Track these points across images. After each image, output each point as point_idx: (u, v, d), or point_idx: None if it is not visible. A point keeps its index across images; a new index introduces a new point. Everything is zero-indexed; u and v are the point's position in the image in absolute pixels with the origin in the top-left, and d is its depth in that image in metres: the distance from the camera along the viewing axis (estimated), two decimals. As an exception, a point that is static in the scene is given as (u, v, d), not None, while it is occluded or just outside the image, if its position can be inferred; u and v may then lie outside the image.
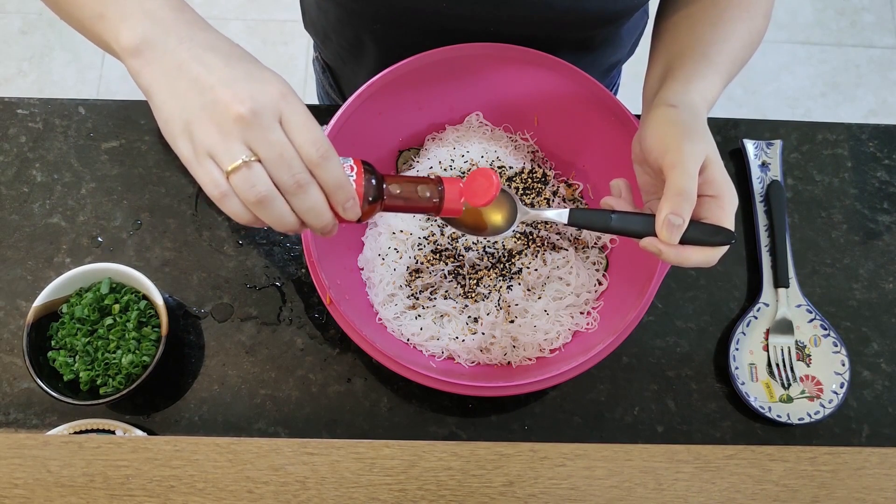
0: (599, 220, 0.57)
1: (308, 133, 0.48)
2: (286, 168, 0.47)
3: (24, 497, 0.57)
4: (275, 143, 0.47)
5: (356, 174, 0.53)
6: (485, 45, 0.70)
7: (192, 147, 0.48)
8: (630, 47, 0.89)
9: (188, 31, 0.50)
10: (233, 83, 0.47)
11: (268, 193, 0.47)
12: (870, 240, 0.80)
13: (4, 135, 0.81)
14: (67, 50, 1.88)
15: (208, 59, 0.48)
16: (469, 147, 0.76)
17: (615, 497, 0.58)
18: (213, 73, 0.48)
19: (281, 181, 0.47)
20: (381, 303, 0.72)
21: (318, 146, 0.48)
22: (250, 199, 0.47)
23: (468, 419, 0.72)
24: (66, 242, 0.77)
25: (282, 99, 0.48)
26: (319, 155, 0.48)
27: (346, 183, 0.50)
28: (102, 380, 0.67)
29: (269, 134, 0.47)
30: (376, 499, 0.58)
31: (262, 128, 0.47)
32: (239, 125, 0.47)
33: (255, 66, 0.50)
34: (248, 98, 0.47)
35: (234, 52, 0.50)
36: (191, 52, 0.49)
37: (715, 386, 0.74)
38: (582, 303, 0.72)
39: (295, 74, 1.85)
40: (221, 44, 0.50)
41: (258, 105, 0.47)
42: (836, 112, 1.88)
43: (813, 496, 0.59)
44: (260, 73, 0.49)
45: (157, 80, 0.49)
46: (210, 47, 0.49)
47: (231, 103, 0.47)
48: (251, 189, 0.47)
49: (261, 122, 0.47)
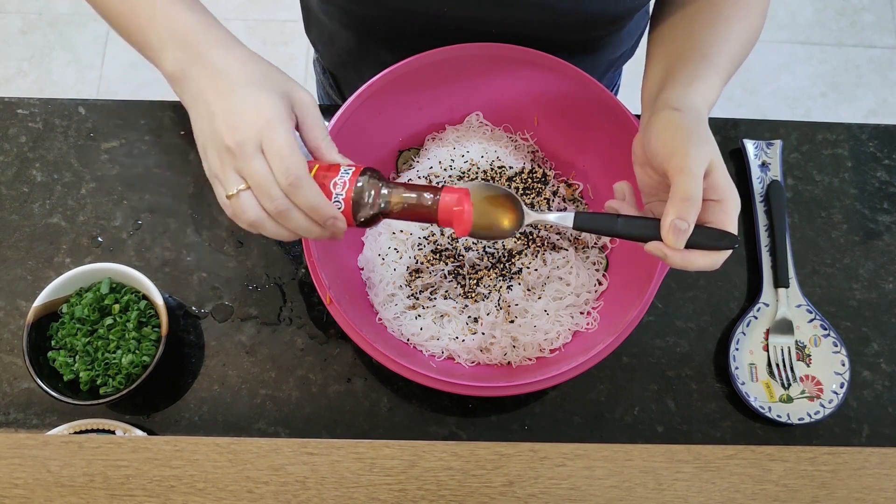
0: (605, 224, 0.57)
1: (280, 161, 0.52)
2: (267, 197, 0.52)
3: (24, 497, 0.57)
4: (255, 173, 0.52)
5: (346, 191, 0.55)
6: (485, 46, 0.70)
7: (209, 170, 0.54)
8: (631, 47, 0.89)
9: (209, 56, 0.55)
10: (228, 113, 0.52)
11: (257, 219, 0.53)
12: (870, 240, 0.80)
13: (4, 135, 0.81)
14: (67, 50, 1.88)
15: (219, 86, 0.54)
16: (469, 147, 0.76)
17: (615, 497, 0.58)
18: (217, 101, 0.53)
19: (266, 208, 0.53)
20: (381, 303, 0.72)
21: (287, 174, 0.52)
22: (246, 222, 0.53)
23: (468, 419, 0.72)
24: (66, 242, 0.77)
25: (264, 128, 0.52)
26: (289, 183, 0.52)
27: (320, 206, 0.53)
28: (102, 380, 0.67)
29: (251, 164, 0.52)
30: (376, 499, 0.58)
31: (246, 158, 0.52)
32: (229, 155, 0.52)
33: (253, 90, 0.53)
34: (234, 129, 0.52)
35: (242, 73, 0.54)
36: (207, 80, 0.54)
37: (715, 386, 0.74)
38: (582, 303, 0.72)
39: (295, 75, 1.85)
40: (235, 65, 0.54)
41: (241, 137, 0.52)
42: (836, 112, 1.88)
43: (813, 496, 0.59)
44: (254, 98, 0.53)
45: (189, 105, 0.55)
46: (222, 72, 0.54)
47: (225, 134, 0.52)
48: (244, 215, 0.53)
49: (244, 152, 0.52)
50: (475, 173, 0.75)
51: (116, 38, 1.88)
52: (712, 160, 0.54)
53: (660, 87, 0.62)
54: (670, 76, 0.62)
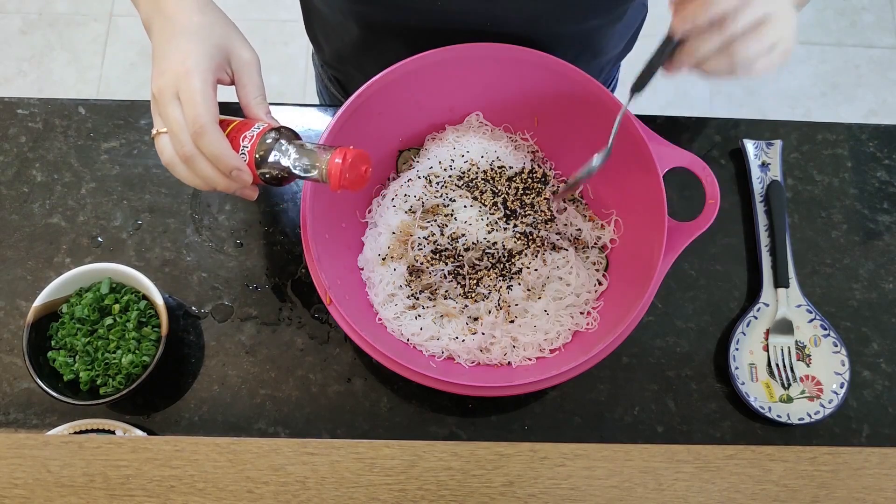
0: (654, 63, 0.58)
1: (190, 109, 0.55)
2: (178, 141, 0.56)
3: (24, 497, 0.57)
4: (169, 118, 0.56)
5: (251, 144, 0.58)
6: (484, 46, 0.70)
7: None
8: (627, 43, 0.89)
9: (165, 5, 0.59)
10: (159, 59, 0.58)
11: (170, 160, 0.57)
12: (870, 240, 0.80)
13: (4, 135, 0.81)
14: (67, 50, 1.88)
15: (164, 34, 0.58)
16: (469, 147, 0.76)
17: (615, 497, 0.58)
18: (157, 49, 0.58)
19: (177, 152, 0.56)
20: (381, 303, 0.72)
21: (194, 122, 0.55)
22: (163, 161, 0.58)
23: (468, 419, 0.72)
24: (66, 242, 0.77)
25: (183, 76, 0.56)
26: (194, 131, 0.55)
27: (223, 155, 0.56)
28: (102, 380, 0.67)
29: (167, 109, 0.56)
30: (376, 499, 0.58)
31: (164, 104, 0.56)
32: (153, 101, 0.57)
33: (184, 39, 0.58)
34: (160, 75, 0.57)
35: (183, 23, 0.58)
36: (160, 28, 0.59)
37: (715, 386, 0.74)
38: (582, 303, 0.72)
39: (295, 75, 1.85)
40: (182, 15, 0.59)
41: (162, 83, 0.56)
42: (836, 112, 1.88)
43: (813, 496, 0.59)
44: (183, 47, 0.57)
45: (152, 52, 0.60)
46: (170, 20, 0.59)
47: (153, 79, 0.57)
48: (161, 156, 0.58)
49: (164, 98, 0.56)
50: (475, 173, 0.75)
51: (116, 38, 1.89)
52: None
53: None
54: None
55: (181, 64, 0.56)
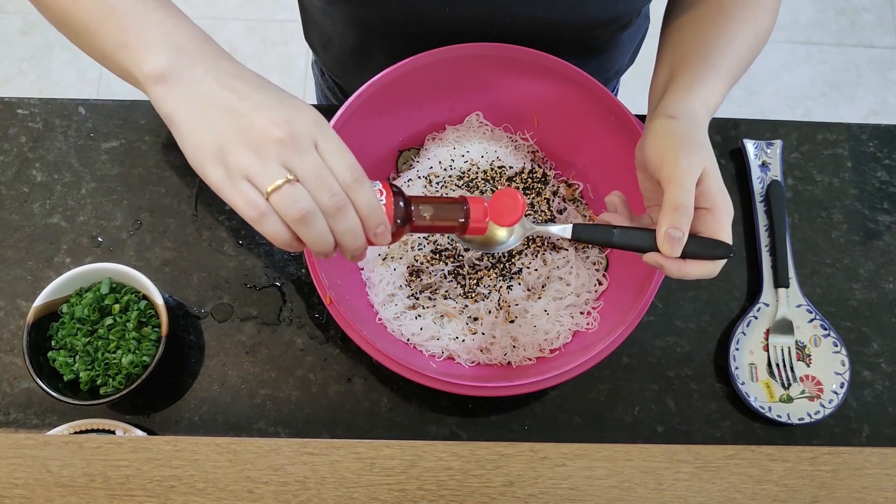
0: (602, 235, 0.58)
1: (342, 158, 0.49)
2: (326, 189, 0.48)
3: (24, 497, 0.57)
4: (313, 164, 0.48)
5: (385, 198, 0.53)
6: (485, 46, 0.70)
7: (226, 171, 0.48)
8: (631, 54, 0.89)
9: (213, 61, 0.51)
10: (267, 109, 0.48)
11: (311, 209, 0.47)
12: (870, 240, 0.80)
13: (4, 135, 0.81)
14: (67, 50, 1.88)
15: (238, 87, 0.49)
16: (469, 147, 0.76)
17: (615, 497, 0.58)
18: (245, 100, 0.49)
19: (320, 202, 0.48)
20: (381, 303, 0.72)
21: (352, 170, 0.49)
22: (294, 215, 0.47)
23: (468, 419, 0.72)
24: (66, 242, 0.77)
25: (315, 125, 0.49)
26: (353, 178, 0.49)
27: (378, 207, 0.50)
28: (102, 380, 0.67)
29: (306, 156, 0.48)
30: (376, 499, 0.58)
31: (300, 150, 0.48)
32: (277, 147, 0.47)
33: (285, 93, 0.51)
34: (284, 122, 0.48)
35: (262, 80, 0.51)
36: (218, 80, 0.49)
37: (715, 386, 0.74)
38: (582, 303, 0.72)
39: (295, 75, 1.85)
40: (248, 73, 0.51)
41: (295, 129, 0.48)
42: (836, 112, 1.88)
43: (813, 496, 0.59)
44: (291, 100, 0.50)
45: (183, 107, 0.49)
46: (237, 75, 0.51)
47: (268, 127, 0.47)
48: (294, 206, 0.47)
49: (298, 144, 0.48)
50: (475, 173, 0.75)
51: (116, 38, 1.89)
52: (706, 168, 0.54)
53: (663, 91, 0.62)
54: (673, 81, 0.62)
55: (308, 114, 0.49)
